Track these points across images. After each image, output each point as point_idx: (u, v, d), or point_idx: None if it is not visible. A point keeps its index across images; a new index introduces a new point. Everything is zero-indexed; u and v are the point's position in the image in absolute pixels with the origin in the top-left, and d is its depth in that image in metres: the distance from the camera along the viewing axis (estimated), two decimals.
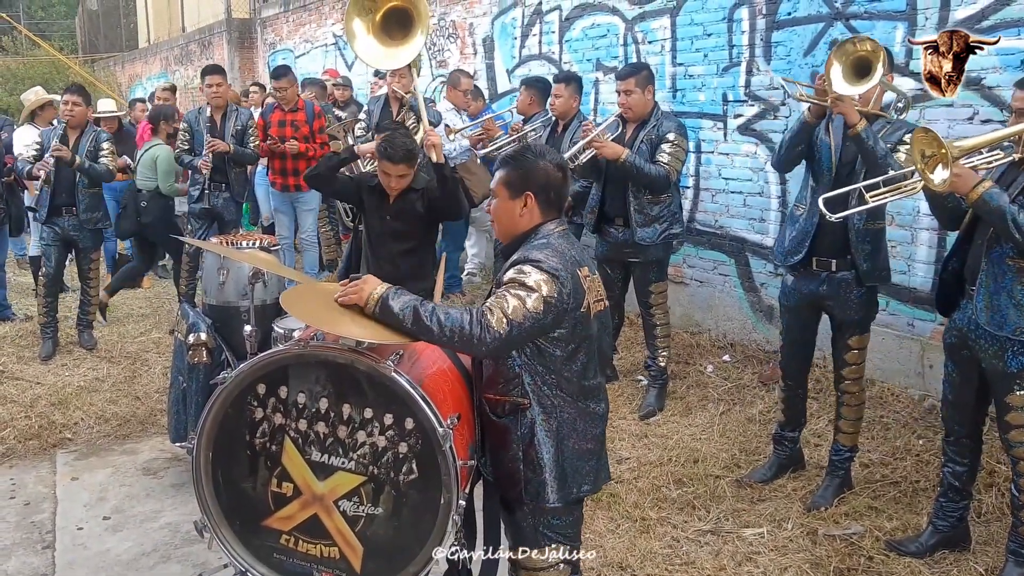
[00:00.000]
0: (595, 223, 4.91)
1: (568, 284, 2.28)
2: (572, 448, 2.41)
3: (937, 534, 3.36)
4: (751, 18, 5.53)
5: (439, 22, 8.86)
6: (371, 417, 2.35)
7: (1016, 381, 2.99)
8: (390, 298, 2.27)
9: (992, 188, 2.83)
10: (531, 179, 2.39)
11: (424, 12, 4.24)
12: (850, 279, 3.58)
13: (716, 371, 5.38)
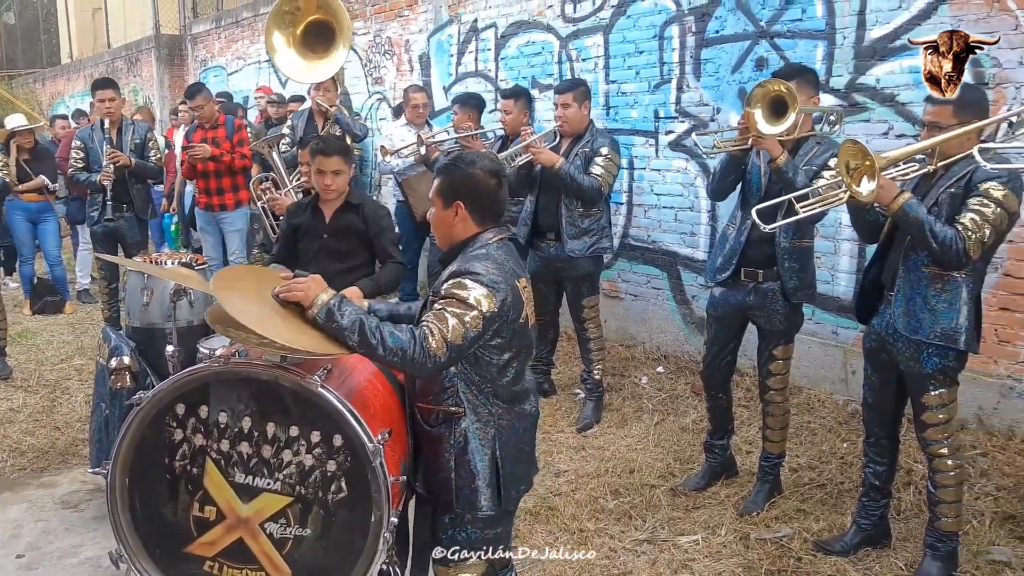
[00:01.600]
0: (528, 236, 4.96)
1: (508, 296, 2.28)
2: (511, 453, 2.42)
3: (860, 533, 3.46)
4: (681, 36, 5.67)
5: (375, 39, 8.85)
6: (297, 435, 2.33)
7: (931, 382, 3.11)
8: (337, 307, 2.21)
9: (911, 199, 2.94)
10: (461, 188, 2.38)
11: (346, 25, 4.22)
12: (776, 290, 3.67)
13: (650, 382, 5.45)
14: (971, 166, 2.96)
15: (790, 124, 3.37)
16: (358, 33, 9.01)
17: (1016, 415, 4.20)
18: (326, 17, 4.63)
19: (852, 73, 4.71)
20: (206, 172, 6.63)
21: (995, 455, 4.08)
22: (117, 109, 6.23)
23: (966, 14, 4.18)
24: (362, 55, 9.08)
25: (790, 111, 3.33)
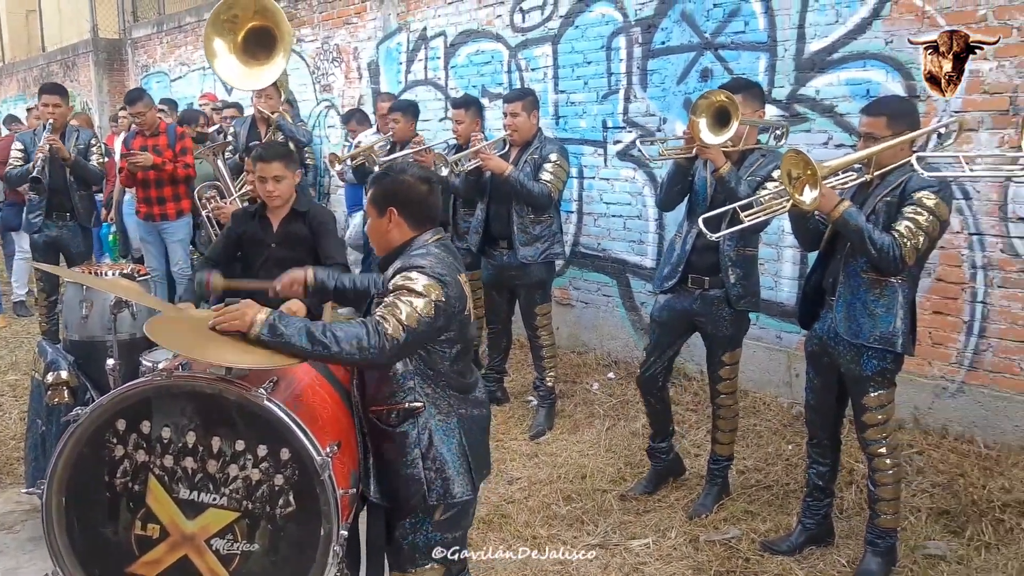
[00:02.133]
0: (480, 244, 4.97)
1: (454, 289, 2.36)
2: (473, 438, 2.50)
3: (805, 532, 3.55)
4: (628, 47, 5.75)
5: (323, 46, 8.79)
6: (243, 449, 2.30)
7: (870, 383, 3.21)
8: (279, 320, 2.23)
9: (851, 207, 3.03)
10: (393, 195, 2.47)
11: (286, 31, 4.19)
12: (721, 297, 3.74)
13: (601, 388, 5.51)
14: (905, 175, 3.08)
15: (732, 134, 3.45)
16: (305, 40, 8.94)
17: (949, 414, 4.35)
18: (266, 23, 4.60)
19: (793, 84, 4.84)
20: (147, 181, 6.43)
21: (930, 453, 4.22)
22: (62, 116, 6.08)
23: (898, 29, 4.33)
24: (310, 62, 9.00)
25: (732, 121, 3.41)
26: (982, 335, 4.22)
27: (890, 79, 4.39)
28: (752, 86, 3.81)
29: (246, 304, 2.29)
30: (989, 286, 4.18)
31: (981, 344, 4.23)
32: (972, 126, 4.11)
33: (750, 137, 3.69)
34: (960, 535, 3.59)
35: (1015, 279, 4.08)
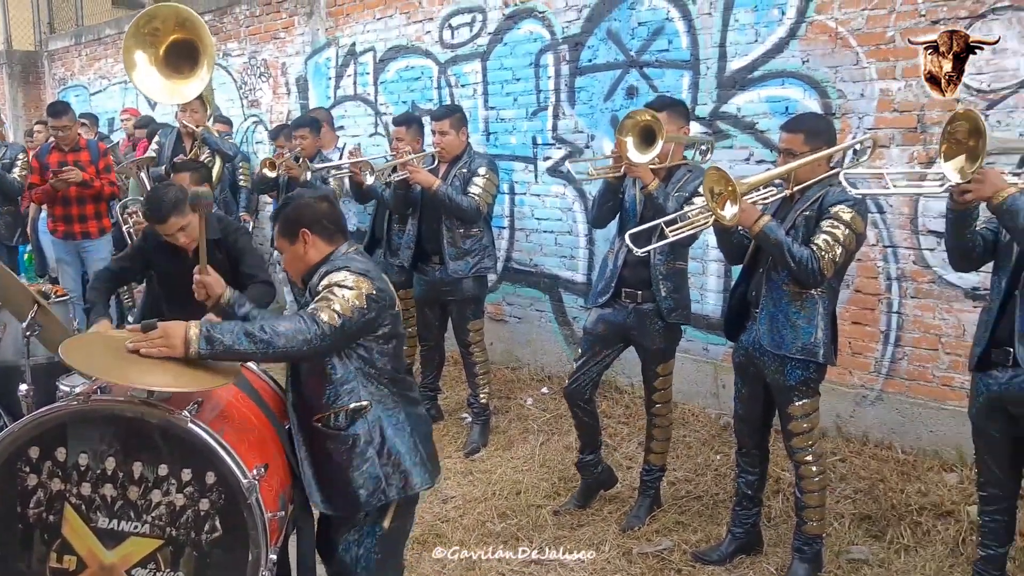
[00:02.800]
0: (412, 260, 4.95)
1: (380, 283, 2.45)
2: (421, 433, 2.58)
3: (735, 541, 3.61)
4: (556, 64, 5.82)
5: (250, 60, 8.65)
6: (167, 474, 2.23)
7: (795, 393, 3.29)
8: (212, 330, 2.20)
9: (771, 222, 3.12)
10: (298, 219, 2.54)
11: (209, 44, 4.10)
12: (654, 310, 3.80)
13: (535, 403, 5.52)
14: (823, 190, 3.19)
15: (658, 152, 3.51)
16: (232, 55, 8.79)
17: (870, 422, 4.50)
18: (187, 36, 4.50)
19: (715, 102, 4.97)
20: (67, 198, 6.20)
21: (852, 460, 4.36)
22: None
23: (814, 48, 4.50)
24: (237, 77, 8.85)
25: (658, 139, 3.48)
26: (898, 344, 4.39)
27: (807, 96, 4.55)
28: (676, 104, 3.90)
29: (167, 325, 2.22)
30: (903, 297, 4.35)
31: (897, 353, 4.39)
32: (884, 143, 4.29)
33: (676, 153, 3.77)
34: (881, 539, 3.70)
35: (927, 290, 4.26)
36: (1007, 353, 2.85)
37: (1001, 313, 2.88)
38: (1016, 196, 2.60)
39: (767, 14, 4.67)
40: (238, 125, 8.78)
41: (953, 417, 4.19)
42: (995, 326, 2.89)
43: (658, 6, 5.19)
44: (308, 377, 2.48)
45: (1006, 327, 2.86)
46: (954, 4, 4.00)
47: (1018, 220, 2.60)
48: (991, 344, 2.90)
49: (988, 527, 3.11)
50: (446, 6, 6.48)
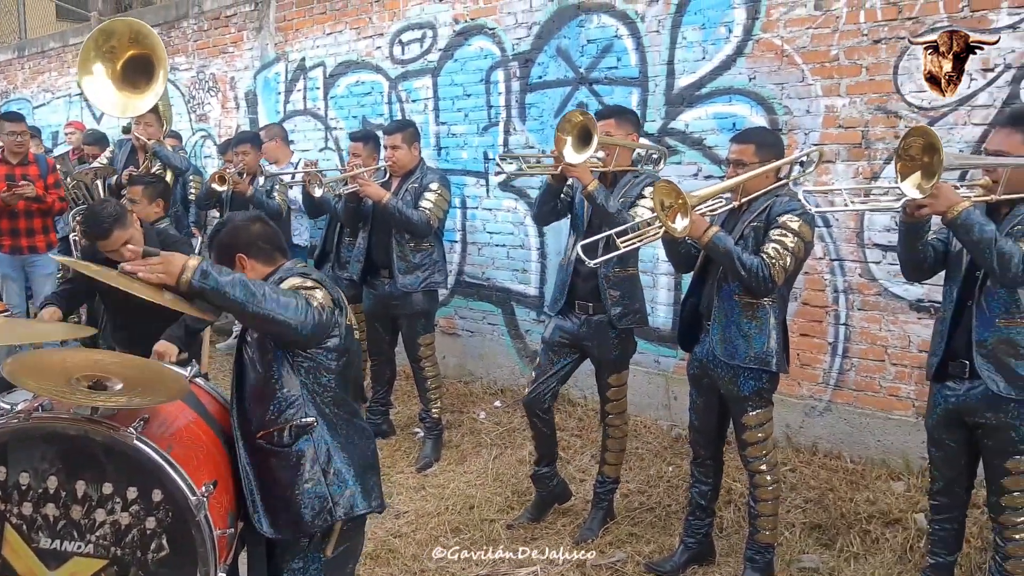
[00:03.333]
0: (362, 274, 4.92)
1: (333, 291, 2.41)
2: (359, 461, 2.48)
3: (688, 551, 3.63)
4: (506, 80, 5.86)
5: (198, 75, 8.54)
6: (112, 492, 2.16)
7: (749, 403, 3.33)
8: (210, 267, 2.14)
9: (720, 232, 3.15)
10: (231, 245, 2.50)
11: (163, 58, 4.05)
12: (605, 320, 3.82)
13: (488, 417, 5.51)
14: (769, 201, 3.25)
15: (592, 151, 3.54)
16: (180, 69, 8.66)
17: (819, 432, 4.59)
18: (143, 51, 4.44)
19: (664, 118, 5.05)
20: (14, 212, 6.02)
21: (802, 470, 4.42)
22: None
23: (760, 66, 4.61)
24: (185, 91, 8.72)
25: (593, 138, 3.49)
26: (846, 355, 4.49)
27: (754, 113, 4.65)
28: (626, 111, 3.95)
29: (170, 254, 2.16)
30: (850, 309, 4.45)
31: (845, 364, 4.49)
32: (829, 158, 4.41)
33: (623, 159, 3.81)
34: (831, 547, 3.76)
35: (873, 302, 4.37)
36: (963, 365, 2.92)
37: (954, 324, 2.95)
38: (970, 211, 2.67)
39: (714, 32, 4.78)
40: (187, 139, 8.64)
41: (900, 427, 4.30)
42: (950, 337, 2.96)
43: (607, 24, 5.26)
44: (253, 392, 2.42)
45: (961, 338, 2.93)
46: (895, 24, 4.13)
47: (972, 234, 2.67)
48: (947, 355, 2.97)
49: (938, 535, 3.19)
50: (396, 22, 6.49)
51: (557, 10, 5.50)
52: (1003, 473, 2.92)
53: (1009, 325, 2.83)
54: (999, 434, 2.89)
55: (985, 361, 2.84)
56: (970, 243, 2.72)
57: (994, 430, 2.90)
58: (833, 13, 4.33)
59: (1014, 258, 2.66)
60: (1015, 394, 2.82)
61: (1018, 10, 3.76)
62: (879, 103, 4.23)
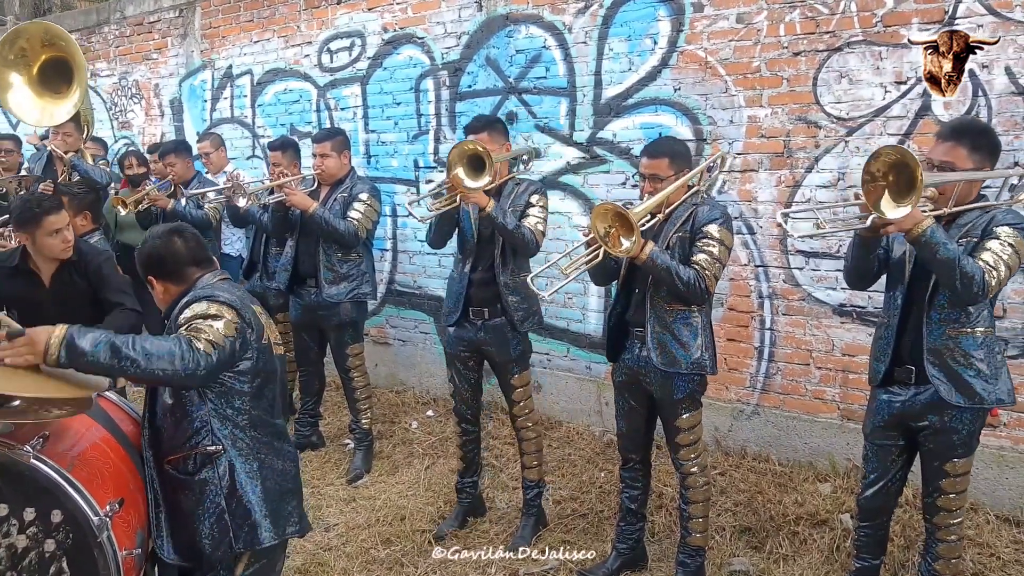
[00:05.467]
0: (288, 283, 4.82)
1: (246, 312, 2.31)
2: (274, 487, 2.38)
3: (620, 557, 3.63)
4: (436, 89, 5.82)
5: (120, 81, 8.28)
6: (7, 514, 2.05)
7: (681, 406, 3.36)
8: (77, 337, 2.00)
9: (655, 248, 3.16)
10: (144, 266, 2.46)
11: (81, 64, 3.90)
12: (505, 323, 3.85)
13: (421, 427, 5.44)
14: (689, 210, 3.28)
15: (489, 178, 3.60)
16: (101, 75, 8.39)
17: (747, 435, 4.65)
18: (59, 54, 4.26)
19: (592, 128, 5.08)
20: None
21: (731, 473, 4.48)
22: None
23: (685, 77, 4.67)
24: (106, 98, 8.45)
25: (487, 166, 3.56)
26: (771, 360, 4.57)
27: (679, 123, 4.71)
28: (495, 122, 3.96)
29: (34, 331, 2.02)
30: (775, 314, 4.53)
31: (771, 368, 4.57)
32: (752, 167, 4.49)
33: (503, 170, 3.87)
34: (761, 550, 3.80)
35: (797, 307, 4.45)
36: (909, 371, 2.97)
37: (900, 331, 2.98)
38: (935, 228, 2.68)
39: (640, 43, 4.83)
40: (110, 147, 8.35)
41: (825, 429, 4.38)
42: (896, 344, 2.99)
43: (535, 34, 5.28)
44: (164, 414, 2.34)
45: (906, 344, 2.97)
46: (813, 37, 4.24)
47: (937, 252, 2.68)
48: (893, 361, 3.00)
49: (864, 539, 3.24)
50: (325, 30, 6.40)
51: (485, 20, 5.50)
52: (942, 475, 2.98)
53: (959, 334, 2.87)
54: (941, 437, 2.94)
55: (935, 369, 2.88)
56: (934, 261, 2.72)
57: (937, 433, 2.94)
58: (754, 26, 4.42)
59: (975, 277, 2.68)
60: (964, 402, 2.86)
61: (928, 25, 3.89)
62: (800, 113, 4.33)
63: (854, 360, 4.29)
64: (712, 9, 4.55)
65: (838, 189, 4.25)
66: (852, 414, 4.30)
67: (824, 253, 4.34)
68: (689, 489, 3.44)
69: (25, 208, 3.46)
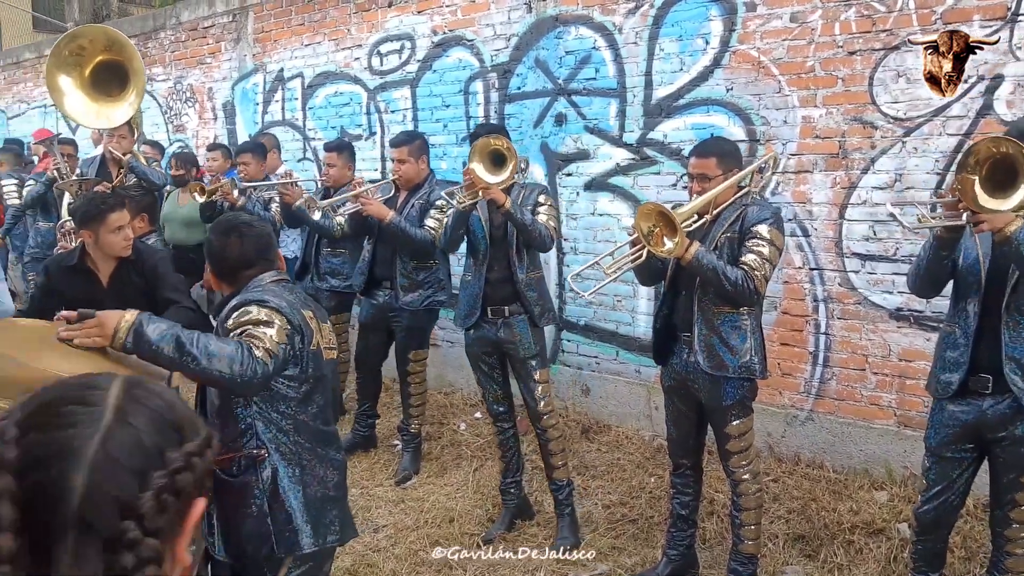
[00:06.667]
0: (364, 285, 4.83)
1: (295, 317, 2.27)
2: (316, 494, 2.36)
3: (671, 564, 3.59)
4: (485, 91, 5.84)
5: (175, 85, 8.47)
6: None
7: (731, 413, 3.30)
8: (145, 324, 2.03)
9: (700, 248, 3.12)
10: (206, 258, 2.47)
11: (139, 69, 3.96)
12: (524, 319, 3.89)
13: (469, 428, 5.45)
14: (738, 211, 3.23)
15: (510, 171, 3.70)
16: (157, 79, 8.59)
17: (800, 441, 4.56)
18: (116, 58, 4.33)
19: (642, 129, 5.04)
20: None
21: (784, 480, 4.40)
22: None
23: (737, 77, 4.61)
24: (162, 102, 8.65)
25: (508, 161, 3.63)
26: (826, 365, 4.48)
27: (732, 123, 4.65)
28: (499, 129, 4.09)
29: (104, 313, 2.06)
30: (830, 318, 4.44)
31: (826, 373, 4.48)
32: (807, 168, 4.41)
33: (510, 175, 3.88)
34: (815, 558, 3.73)
35: (853, 311, 4.36)
36: (985, 381, 2.86)
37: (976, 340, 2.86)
38: None
39: (691, 43, 4.78)
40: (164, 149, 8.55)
41: (882, 436, 4.29)
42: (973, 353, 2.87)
43: (585, 35, 5.26)
44: (213, 412, 2.35)
45: (983, 353, 2.85)
46: (869, 36, 4.15)
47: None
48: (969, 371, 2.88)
49: (923, 552, 3.14)
50: (375, 33, 6.46)
51: (535, 22, 5.49)
52: (1018, 487, 2.88)
53: None
54: (1021, 448, 2.84)
55: (1018, 376, 2.77)
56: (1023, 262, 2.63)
57: (1015, 443, 2.84)
58: (809, 25, 4.34)
59: None
60: None
61: (990, 23, 3.78)
62: (855, 113, 4.24)
63: (911, 365, 4.18)
64: (765, 8, 4.48)
65: (895, 191, 4.15)
66: (909, 421, 4.19)
67: (881, 256, 4.24)
68: (741, 496, 3.38)
69: (90, 205, 3.54)
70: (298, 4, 7.07)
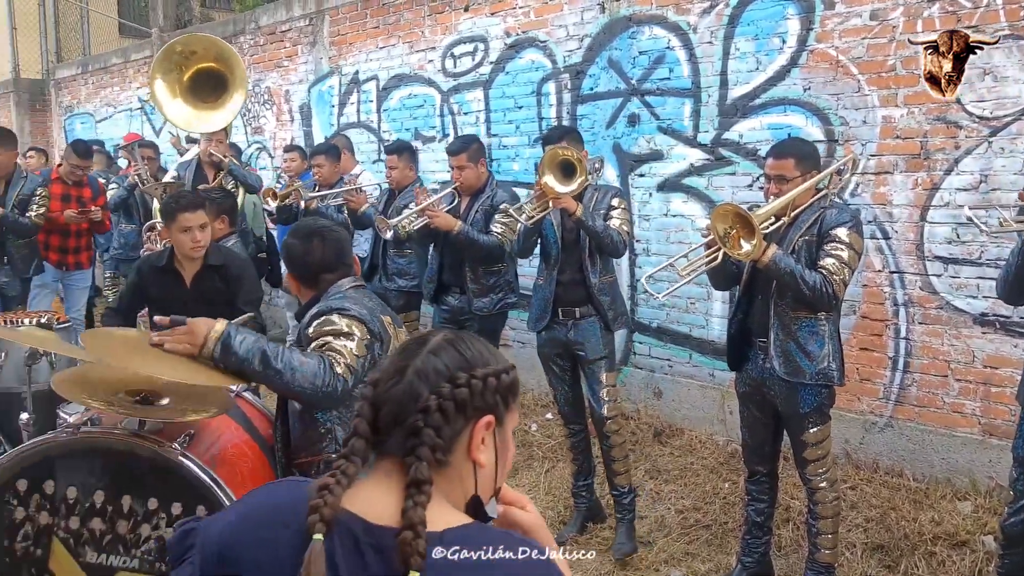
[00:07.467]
0: (433, 293, 4.84)
1: (374, 325, 2.31)
2: None
3: (745, 571, 3.52)
4: (558, 92, 5.83)
5: (254, 88, 8.71)
6: (156, 508, 2.18)
7: (809, 420, 3.23)
8: (233, 336, 2.10)
9: (778, 251, 3.05)
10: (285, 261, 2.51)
11: (241, 76, 4.09)
12: (595, 321, 3.87)
13: (540, 430, 5.46)
14: (816, 213, 3.15)
15: (580, 181, 3.68)
16: None
17: (879, 448, 4.43)
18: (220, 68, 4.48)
19: (717, 129, 4.95)
20: (66, 230, 6.28)
21: (863, 488, 4.27)
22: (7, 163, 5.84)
23: (815, 77, 4.49)
24: None
25: (578, 171, 3.64)
26: (907, 370, 4.33)
27: (809, 123, 4.53)
28: (571, 131, 4.05)
29: (195, 321, 2.14)
30: (911, 322, 4.30)
31: (906, 379, 4.33)
32: (887, 169, 4.27)
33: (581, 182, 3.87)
34: (895, 569, 3.62)
35: (935, 315, 4.21)
36: None
37: None
38: None
39: (768, 42, 4.68)
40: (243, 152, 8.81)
41: (965, 445, 4.12)
42: None
43: (659, 35, 5.20)
44: (294, 418, 2.41)
45: None
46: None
47: None
48: None
49: (1007, 568, 3.02)
50: (448, 36, 6.52)
51: (608, 22, 5.45)
52: None
53: None
54: None
55: None
56: None
57: None
58: (889, 23, 4.20)
59: None
60: None
61: None
62: (938, 113, 4.08)
63: (997, 372, 4.01)
64: (844, 7, 4.35)
65: (980, 192, 3.98)
66: (995, 429, 4.02)
67: (964, 259, 4.08)
68: (818, 504, 3.30)
69: (167, 203, 3.67)
70: (373, 7, 7.19)
